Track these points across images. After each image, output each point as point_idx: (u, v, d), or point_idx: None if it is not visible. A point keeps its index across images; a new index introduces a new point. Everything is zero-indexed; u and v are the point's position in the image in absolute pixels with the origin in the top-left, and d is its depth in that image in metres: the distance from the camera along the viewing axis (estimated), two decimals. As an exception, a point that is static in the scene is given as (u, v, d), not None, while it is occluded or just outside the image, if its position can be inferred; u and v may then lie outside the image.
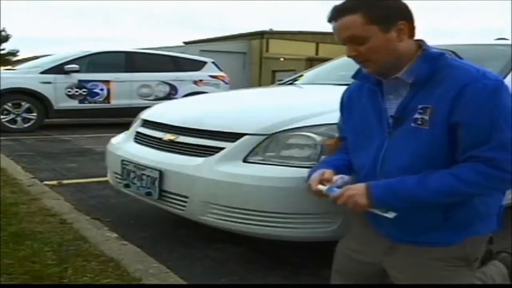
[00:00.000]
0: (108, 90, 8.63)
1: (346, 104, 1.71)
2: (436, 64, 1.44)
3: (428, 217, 1.46)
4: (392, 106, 1.50)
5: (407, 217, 1.48)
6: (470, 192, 1.38)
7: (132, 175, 2.60)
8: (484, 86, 1.36)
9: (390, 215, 1.41)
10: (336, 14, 1.46)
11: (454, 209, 1.44)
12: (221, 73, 10.22)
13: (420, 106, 1.42)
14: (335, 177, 1.54)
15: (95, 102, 8.52)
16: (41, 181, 3.99)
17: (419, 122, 1.42)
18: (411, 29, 1.47)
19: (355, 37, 1.43)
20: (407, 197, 1.39)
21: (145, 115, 2.98)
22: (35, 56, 18.51)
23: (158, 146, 2.58)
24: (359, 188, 1.44)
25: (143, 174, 2.49)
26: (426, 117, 1.40)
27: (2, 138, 6.82)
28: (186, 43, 30.25)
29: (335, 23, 1.47)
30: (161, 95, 9.16)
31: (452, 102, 1.37)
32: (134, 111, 3.76)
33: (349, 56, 1.49)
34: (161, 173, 2.38)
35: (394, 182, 1.42)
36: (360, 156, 1.58)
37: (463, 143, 1.37)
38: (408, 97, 1.46)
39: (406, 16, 1.46)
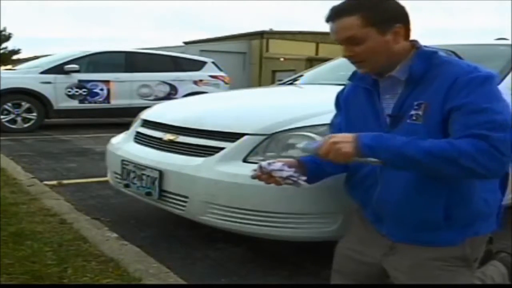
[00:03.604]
0: (108, 90, 8.62)
1: (342, 106, 1.71)
2: (429, 62, 1.47)
3: (429, 215, 1.46)
4: (389, 105, 1.51)
5: (408, 216, 1.48)
6: (460, 162, 1.29)
7: (132, 175, 2.60)
8: (476, 76, 1.38)
9: (377, 162, 1.37)
10: (334, 15, 1.48)
11: (455, 207, 1.44)
12: (221, 73, 10.22)
13: (415, 103, 1.43)
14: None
15: (95, 102, 8.52)
16: (41, 181, 3.99)
17: (414, 118, 1.43)
18: (407, 32, 1.50)
19: (352, 38, 1.45)
20: (395, 150, 1.34)
21: (145, 115, 2.98)
22: (35, 56, 18.53)
23: (158, 146, 2.58)
24: (346, 136, 1.40)
25: (143, 174, 2.50)
26: (420, 113, 1.41)
27: (2, 138, 6.81)
28: (186, 43, 30.24)
29: (333, 24, 1.49)
30: (161, 95, 9.15)
31: (444, 95, 1.39)
32: (134, 111, 3.77)
33: (345, 57, 1.52)
34: (161, 173, 2.38)
35: (386, 135, 1.40)
36: None
37: (458, 125, 1.35)
38: (403, 95, 1.48)
39: (403, 19, 1.48)
